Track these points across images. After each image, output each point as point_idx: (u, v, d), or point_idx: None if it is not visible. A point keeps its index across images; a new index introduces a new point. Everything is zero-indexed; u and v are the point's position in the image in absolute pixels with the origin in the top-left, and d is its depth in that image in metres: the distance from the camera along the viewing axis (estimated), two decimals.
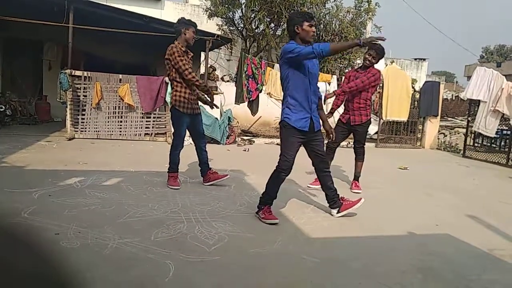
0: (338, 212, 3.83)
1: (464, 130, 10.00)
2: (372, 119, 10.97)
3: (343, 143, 9.42)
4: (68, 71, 7.68)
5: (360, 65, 5.11)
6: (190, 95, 4.46)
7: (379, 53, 4.77)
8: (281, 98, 3.76)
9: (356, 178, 5.11)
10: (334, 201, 3.84)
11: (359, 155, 5.16)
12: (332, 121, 4.94)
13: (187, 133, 4.63)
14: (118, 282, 2.35)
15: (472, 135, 9.22)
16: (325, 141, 4.03)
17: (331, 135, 3.87)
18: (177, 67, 4.32)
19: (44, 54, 10.92)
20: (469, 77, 11.37)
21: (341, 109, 5.30)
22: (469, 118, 9.37)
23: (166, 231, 3.16)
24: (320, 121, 3.72)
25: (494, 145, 8.94)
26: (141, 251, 2.75)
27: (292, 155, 3.54)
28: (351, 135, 5.22)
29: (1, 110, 8.54)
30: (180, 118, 4.46)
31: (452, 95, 22.13)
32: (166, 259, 2.64)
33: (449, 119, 16.70)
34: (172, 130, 4.75)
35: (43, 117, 9.97)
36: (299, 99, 3.48)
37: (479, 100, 8.68)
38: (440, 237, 3.54)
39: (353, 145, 5.29)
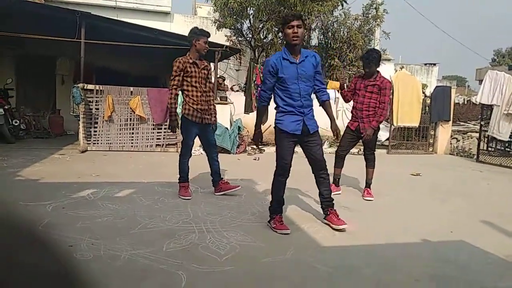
0: (324, 218, 3.80)
1: (477, 135, 9.87)
2: (383, 126, 10.93)
3: (354, 150, 9.37)
4: (80, 85, 7.81)
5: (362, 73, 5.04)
6: (200, 105, 4.49)
7: (366, 63, 4.76)
8: None
9: (368, 185, 5.07)
10: (323, 208, 3.81)
11: (370, 162, 5.12)
12: (341, 124, 4.95)
13: (199, 142, 4.67)
14: None
15: (486, 139, 9.08)
16: (326, 146, 4.02)
17: (337, 135, 3.82)
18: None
19: (57, 69, 11.14)
20: (480, 81, 11.27)
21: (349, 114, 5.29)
22: (482, 122, 9.25)
23: (178, 241, 3.18)
24: (317, 122, 3.70)
25: (509, 149, 8.78)
26: (154, 262, 2.76)
27: (288, 158, 3.57)
28: (360, 142, 5.17)
29: (16, 124, 8.71)
30: (188, 127, 4.51)
31: (464, 99, 21.88)
32: (178, 270, 2.65)
33: (462, 123, 16.50)
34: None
35: (56, 130, 10.13)
36: (289, 103, 3.52)
37: (491, 104, 8.57)
38: (455, 244, 3.49)
39: (363, 153, 5.24)
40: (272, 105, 3.72)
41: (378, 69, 4.88)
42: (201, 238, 3.28)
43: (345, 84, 5.33)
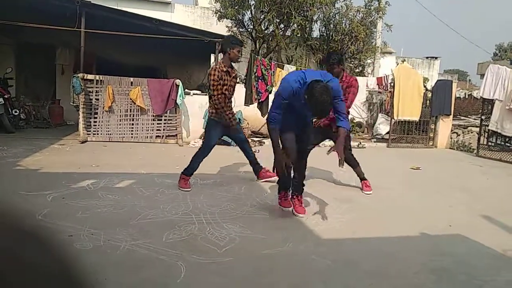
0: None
1: (478, 129, 9.85)
2: (383, 119, 10.91)
3: (354, 144, 9.37)
4: (80, 75, 7.78)
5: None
6: (230, 108, 4.71)
7: (328, 66, 4.65)
8: None
9: (362, 179, 5.00)
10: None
11: (351, 162, 4.91)
12: None
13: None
14: (130, 284, 2.38)
15: (486, 134, 9.07)
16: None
17: (341, 162, 3.44)
18: (210, 90, 4.53)
19: (56, 59, 11.08)
20: (482, 75, 11.23)
21: None
22: (482, 117, 9.23)
23: (178, 232, 3.19)
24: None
25: (509, 144, 8.78)
26: (153, 252, 2.77)
27: (291, 144, 3.63)
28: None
29: (16, 114, 8.69)
30: (215, 129, 4.64)
31: (465, 93, 21.81)
32: (178, 261, 2.66)
33: (462, 118, 16.47)
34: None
35: (56, 120, 10.11)
36: (287, 122, 3.51)
37: (493, 99, 8.55)
38: (453, 238, 3.50)
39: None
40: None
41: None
42: (201, 229, 3.29)
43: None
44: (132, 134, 8.15)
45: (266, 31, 12.10)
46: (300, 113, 3.51)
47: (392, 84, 9.79)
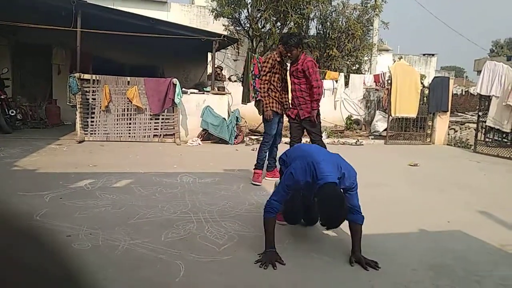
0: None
1: (475, 125, 9.88)
2: (381, 116, 10.93)
3: (353, 141, 9.38)
4: (77, 74, 7.76)
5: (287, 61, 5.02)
6: (280, 97, 4.97)
7: (286, 47, 4.65)
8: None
9: None
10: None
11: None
12: (340, 115, 4.90)
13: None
14: (129, 283, 2.37)
15: (483, 130, 9.10)
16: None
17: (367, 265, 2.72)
18: (260, 73, 4.95)
19: (53, 59, 11.04)
20: (479, 72, 11.24)
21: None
22: (479, 113, 9.25)
23: (176, 231, 3.18)
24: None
25: (506, 140, 8.81)
26: (152, 251, 2.77)
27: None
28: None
29: (12, 114, 8.65)
30: (273, 118, 4.89)
31: (462, 90, 21.88)
32: (177, 259, 2.65)
33: (459, 114, 16.52)
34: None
35: (53, 120, 10.07)
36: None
37: (490, 95, 8.57)
38: (452, 234, 3.51)
39: (310, 141, 4.95)
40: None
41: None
42: (199, 228, 3.28)
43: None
44: (129, 133, 8.13)
45: (263, 30, 12.10)
46: (307, 198, 2.96)
47: (389, 81, 9.80)
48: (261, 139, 8.41)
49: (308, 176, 2.72)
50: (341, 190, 2.74)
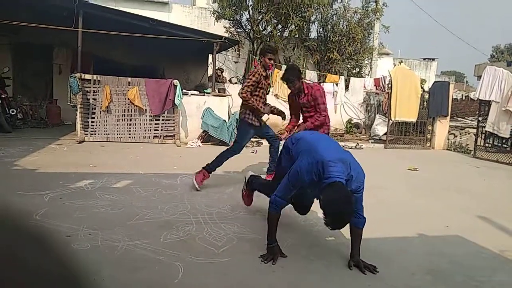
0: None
1: (475, 130, 9.89)
2: (381, 120, 10.93)
3: (352, 144, 9.39)
4: (78, 74, 7.77)
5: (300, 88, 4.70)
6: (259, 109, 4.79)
7: (288, 83, 4.59)
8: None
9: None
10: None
11: None
12: (340, 119, 4.90)
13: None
14: (128, 284, 2.38)
15: (483, 135, 9.11)
16: None
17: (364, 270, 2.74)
18: (244, 85, 4.69)
19: (54, 58, 11.05)
20: (479, 77, 11.26)
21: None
22: (479, 118, 9.27)
23: (175, 233, 3.18)
24: None
25: (505, 145, 8.82)
26: (151, 252, 2.77)
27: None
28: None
29: (13, 113, 8.65)
30: (247, 129, 4.77)
31: (462, 95, 21.91)
32: (176, 261, 2.66)
33: (459, 119, 16.53)
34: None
35: (53, 120, 10.08)
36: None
37: (490, 100, 8.59)
38: (450, 239, 3.51)
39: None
40: (270, 101, 3.64)
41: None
42: (199, 229, 3.29)
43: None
44: (129, 134, 8.14)
45: (264, 32, 12.11)
46: (312, 192, 2.96)
47: (389, 85, 9.82)
48: (261, 141, 8.37)
49: (315, 175, 2.61)
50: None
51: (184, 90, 8.42)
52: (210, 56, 11.21)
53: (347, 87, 11.07)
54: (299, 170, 2.71)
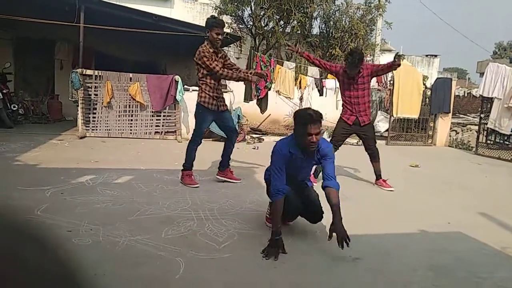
0: None
1: (477, 127, 9.86)
2: (382, 116, 10.90)
3: (354, 141, 9.38)
4: (79, 70, 7.76)
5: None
6: (216, 93, 4.51)
7: (351, 65, 4.56)
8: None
9: (380, 176, 5.07)
10: None
11: (375, 156, 5.06)
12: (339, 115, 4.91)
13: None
14: (129, 279, 2.38)
15: (485, 132, 9.08)
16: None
17: (341, 242, 2.82)
18: (208, 69, 4.36)
19: (55, 54, 11.05)
20: (481, 74, 11.23)
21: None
22: (481, 115, 9.24)
23: (177, 228, 3.18)
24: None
25: (508, 142, 8.79)
26: (152, 248, 2.77)
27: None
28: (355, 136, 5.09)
29: (14, 109, 8.66)
30: (204, 114, 4.52)
31: (464, 91, 21.83)
32: (177, 257, 2.66)
33: (461, 116, 16.48)
34: (192, 126, 4.77)
35: (55, 116, 10.09)
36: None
37: (492, 97, 8.56)
38: (452, 235, 3.51)
39: (365, 147, 5.15)
40: (272, 97, 3.64)
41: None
42: (200, 225, 3.29)
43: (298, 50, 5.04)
44: (131, 130, 8.14)
45: (265, 28, 12.06)
46: (293, 173, 3.13)
47: (391, 82, 9.78)
48: (263, 137, 8.35)
49: (292, 147, 2.97)
50: (318, 158, 3.04)
51: (185, 86, 8.40)
52: None
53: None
54: (278, 148, 3.02)
